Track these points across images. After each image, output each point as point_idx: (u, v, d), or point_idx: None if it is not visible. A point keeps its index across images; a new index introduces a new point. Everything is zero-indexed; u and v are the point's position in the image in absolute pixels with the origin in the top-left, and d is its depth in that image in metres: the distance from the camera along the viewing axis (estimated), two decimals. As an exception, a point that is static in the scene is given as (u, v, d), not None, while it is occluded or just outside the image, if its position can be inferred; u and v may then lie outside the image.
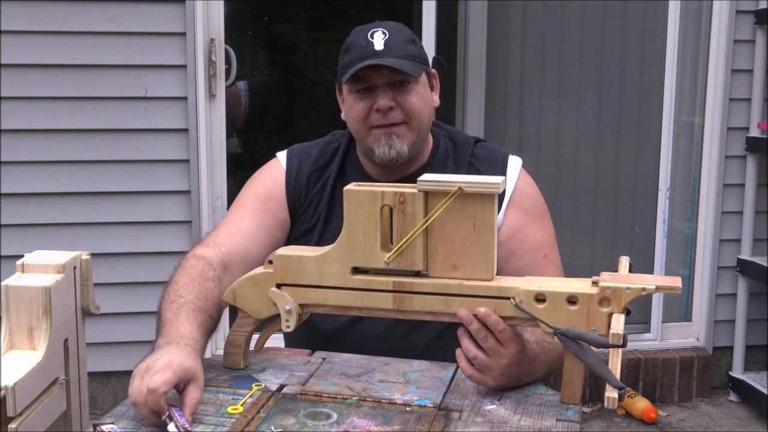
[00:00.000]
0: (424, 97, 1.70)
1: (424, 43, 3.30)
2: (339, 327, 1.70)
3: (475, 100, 3.48)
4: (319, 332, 1.69)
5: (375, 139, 1.68)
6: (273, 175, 1.79)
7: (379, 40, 1.65)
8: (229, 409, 1.31)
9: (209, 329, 1.46)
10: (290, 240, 1.76)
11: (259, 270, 1.43)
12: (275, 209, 1.75)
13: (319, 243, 1.68)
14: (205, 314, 1.45)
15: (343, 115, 1.76)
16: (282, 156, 1.81)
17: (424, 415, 1.31)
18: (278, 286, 1.41)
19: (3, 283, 1.20)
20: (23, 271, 1.24)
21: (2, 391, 1.10)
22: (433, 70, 1.77)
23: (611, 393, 1.18)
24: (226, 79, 3.22)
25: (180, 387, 1.27)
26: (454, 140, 1.81)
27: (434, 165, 1.75)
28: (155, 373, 1.23)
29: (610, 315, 1.27)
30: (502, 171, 1.72)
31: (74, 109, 3.06)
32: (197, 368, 1.29)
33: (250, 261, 1.61)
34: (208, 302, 1.48)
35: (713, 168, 3.51)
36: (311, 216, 1.76)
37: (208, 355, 1.84)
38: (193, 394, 1.26)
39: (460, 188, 1.30)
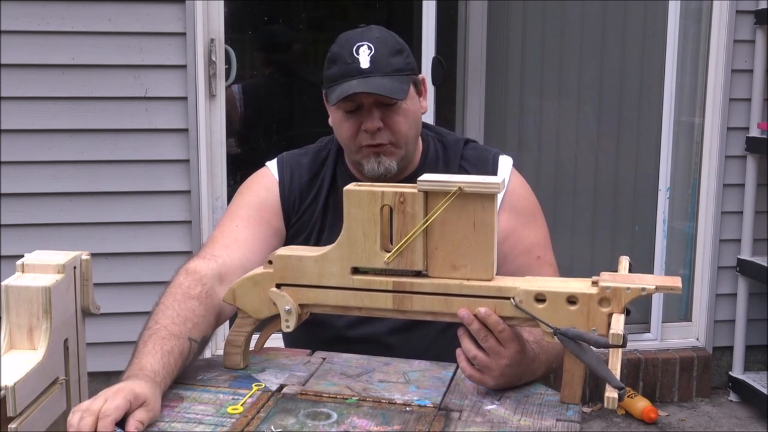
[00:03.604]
0: (412, 113, 1.68)
1: (423, 44, 3.30)
2: (346, 320, 1.69)
3: (475, 100, 3.48)
4: (326, 325, 1.68)
5: (364, 156, 1.67)
6: (265, 185, 1.75)
7: (364, 57, 1.62)
8: (229, 409, 1.31)
9: (183, 354, 1.37)
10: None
11: (259, 270, 1.43)
12: (270, 217, 1.72)
13: None
14: (179, 339, 1.37)
15: (330, 121, 1.74)
16: (272, 165, 1.78)
17: (424, 415, 1.31)
18: (278, 286, 1.41)
19: (3, 283, 1.20)
20: (23, 271, 1.24)
21: (2, 391, 1.10)
22: (421, 76, 1.74)
23: (611, 393, 1.18)
24: (226, 79, 3.22)
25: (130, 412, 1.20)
26: (444, 142, 1.79)
27: (425, 170, 1.72)
28: (104, 400, 1.17)
29: (610, 315, 1.27)
30: (493, 173, 1.72)
31: (74, 109, 3.06)
32: (150, 394, 1.23)
33: (249, 270, 1.53)
34: (186, 324, 1.40)
35: (713, 168, 3.51)
36: (305, 226, 1.74)
37: (207, 355, 1.84)
38: (139, 414, 1.19)
39: (460, 188, 1.30)
